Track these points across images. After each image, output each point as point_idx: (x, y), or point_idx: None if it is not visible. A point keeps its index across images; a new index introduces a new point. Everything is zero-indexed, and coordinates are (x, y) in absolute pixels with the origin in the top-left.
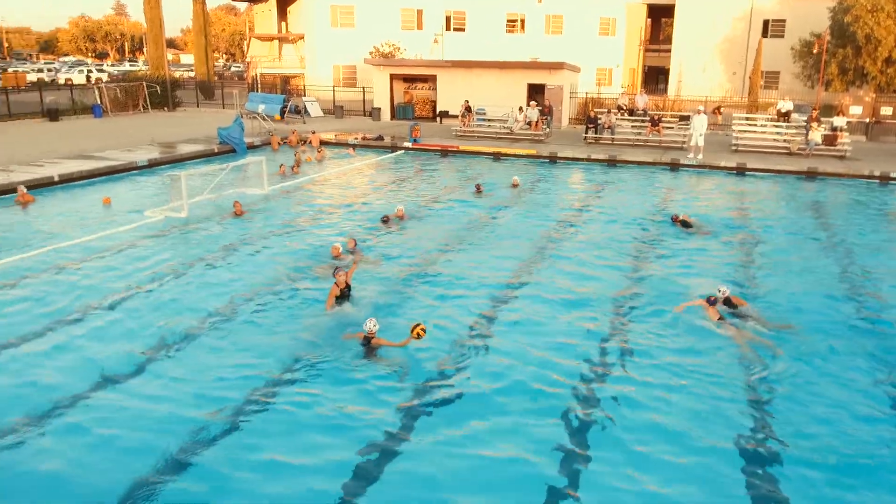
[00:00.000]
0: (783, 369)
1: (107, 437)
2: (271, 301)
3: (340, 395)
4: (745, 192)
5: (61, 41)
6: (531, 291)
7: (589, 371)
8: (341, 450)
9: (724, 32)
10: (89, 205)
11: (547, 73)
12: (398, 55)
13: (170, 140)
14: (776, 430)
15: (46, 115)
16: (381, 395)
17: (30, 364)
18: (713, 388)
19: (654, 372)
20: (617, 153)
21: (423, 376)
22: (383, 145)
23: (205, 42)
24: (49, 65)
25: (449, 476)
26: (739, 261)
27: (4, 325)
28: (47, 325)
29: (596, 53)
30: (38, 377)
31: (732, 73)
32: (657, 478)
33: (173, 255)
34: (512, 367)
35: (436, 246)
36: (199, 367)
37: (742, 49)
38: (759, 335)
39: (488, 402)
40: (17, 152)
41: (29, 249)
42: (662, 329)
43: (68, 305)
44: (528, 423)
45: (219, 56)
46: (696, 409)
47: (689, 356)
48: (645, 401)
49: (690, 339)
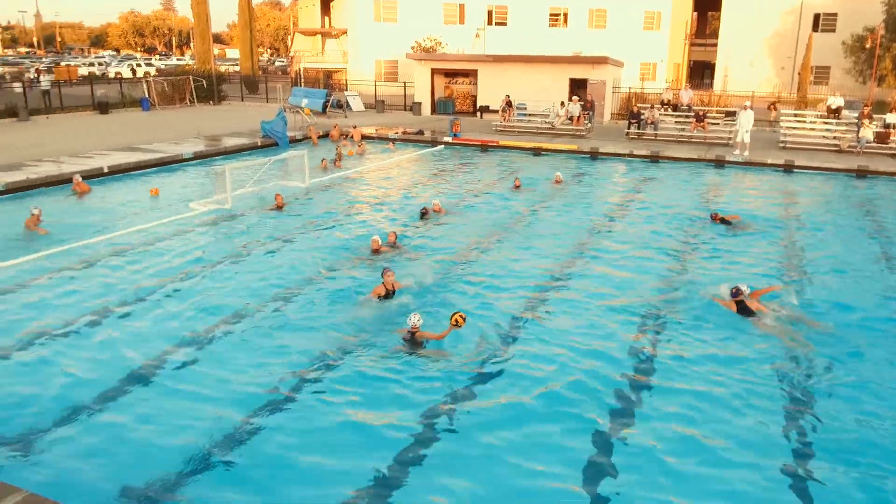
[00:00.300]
0: (827, 376)
1: (144, 428)
2: (310, 294)
3: (374, 393)
4: (792, 191)
5: (111, 36)
6: (568, 290)
7: (626, 376)
8: (370, 450)
9: (773, 26)
10: (138, 195)
11: (590, 67)
12: (440, 50)
13: (215, 133)
14: (820, 448)
15: (97, 108)
16: (414, 396)
17: (73, 350)
18: (751, 395)
19: (691, 378)
20: (660, 149)
21: (459, 375)
22: (424, 140)
23: (250, 37)
24: (99, 59)
25: (476, 482)
26: (785, 260)
27: (56, 310)
28: (88, 313)
29: (640, 48)
30: (78, 365)
31: (781, 68)
32: (691, 489)
33: (215, 247)
34: (547, 367)
35: (474, 241)
36: (233, 360)
37: (791, 43)
38: (799, 338)
39: (522, 405)
40: (68, 144)
41: (81, 238)
42: (702, 332)
43: (109, 295)
44: (560, 428)
45: (263, 51)
46: (731, 420)
47: (729, 363)
48: (680, 409)
49: (731, 343)
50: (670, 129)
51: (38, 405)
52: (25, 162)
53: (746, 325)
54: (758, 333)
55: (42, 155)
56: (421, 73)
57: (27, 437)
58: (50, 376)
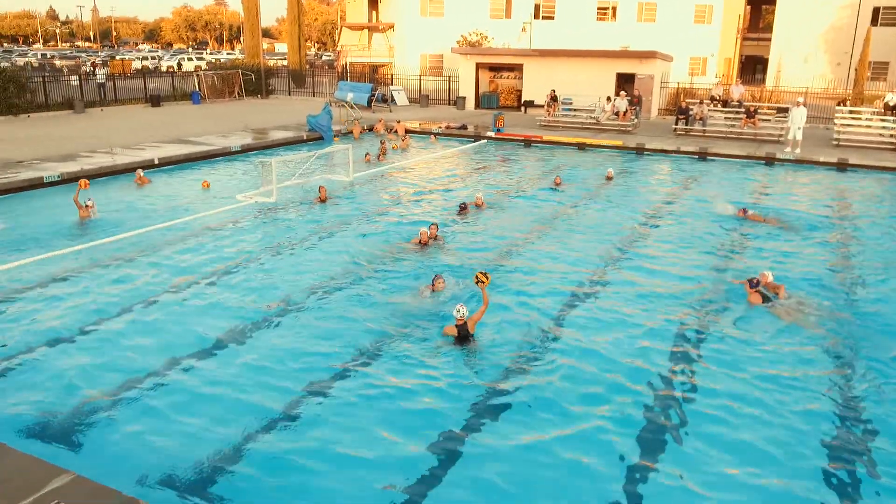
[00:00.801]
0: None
1: (184, 414)
2: (350, 287)
3: (410, 388)
4: (845, 190)
5: (164, 30)
6: (609, 287)
7: (666, 376)
8: (407, 445)
9: (830, 20)
10: (187, 187)
11: (637, 62)
12: (485, 44)
13: (262, 126)
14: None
15: (149, 101)
16: (450, 391)
17: (119, 337)
18: (792, 396)
19: (732, 381)
20: (708, 146)
21: (496, 372)
22: (467, 134)
23: (298, 31)
24: (153, 52)
25: (512, 481)
26: (833, 260)
27: (100, 300)
28: (135, 302)
29: (690, 42)
30: (124, 351)
31: (836, 64)
32: (729, 492)
33: (260, 239)
34: (586, 366)
35: (514, 236)
36: (277, 351)
37: (848, 38)
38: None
39: (558, 403)
40: (122, 136)
41: (136, 227)
42: (745, 331)
43: (156, 285)
44: (597, 427)
45: (311, 45)
46: (771, 421)
47: (771, 362)
48: (719, 412)
49: (773, 341)
50: (719, 126)
51: (86, 389)
52: (80, 153)
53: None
54: (798, 329)
55: (96, 146)
56: (466, 68)
57: (75, 420)
58: (114, 354)
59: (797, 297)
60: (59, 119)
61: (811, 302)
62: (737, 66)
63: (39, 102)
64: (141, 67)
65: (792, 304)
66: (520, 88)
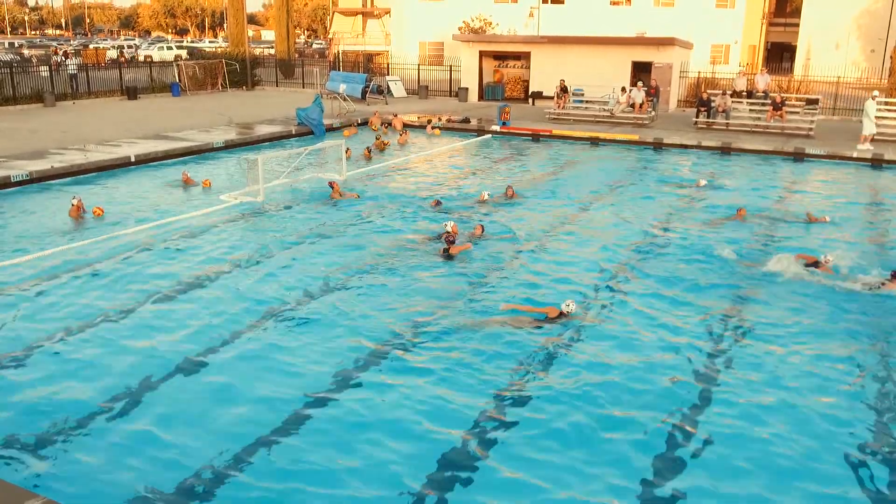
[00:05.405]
0: None
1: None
2: (356, 286)
3: (426, 388)
4: (880, 187)
5: (142, 17)
6: (625, 287)
7: (687, 377)
8: (421, 444)
9: (863, 4)
10: (166, 186)
11: (655, 49)
12: (489, 30)
13: (247, 120)
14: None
15: (125, 94)
16: (467, 390)
17: (114, 340)
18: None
19: (757, 384)
20: (732, 140)
21: (514, 371)
22: (469, 128)
23: (286, 18)
24: (129, 41)
25: (529, 484)
26: (865, 259)
27: (93, 301)
28: (133, 304)
29: (711, 28)
30: (123, 354)
31: (870, 51)
32: None
33: (247, 241)
34: (607, 364)
35: (532, 231)
36: (279, 352)
37: (882, 23)
38: None
39: (577, 404)
40: (96, 131)
41: (106, 232)
42: (771, 330)
43: (149, 287)
44: (621, 428)
45: (300, 32)
46: (805, 417)
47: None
48: (747, 414)
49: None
50: (744, 118)
51: (57, 408)
52: (50, 150)
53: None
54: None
55: (68, 142)
56: (468, 56)
57: (45, 442)
58: (85, 370)
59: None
60: (27, 113)
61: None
62: (762, 53)
63: (6, 95)
64: (116, 57)
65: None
66: (527, 78)
